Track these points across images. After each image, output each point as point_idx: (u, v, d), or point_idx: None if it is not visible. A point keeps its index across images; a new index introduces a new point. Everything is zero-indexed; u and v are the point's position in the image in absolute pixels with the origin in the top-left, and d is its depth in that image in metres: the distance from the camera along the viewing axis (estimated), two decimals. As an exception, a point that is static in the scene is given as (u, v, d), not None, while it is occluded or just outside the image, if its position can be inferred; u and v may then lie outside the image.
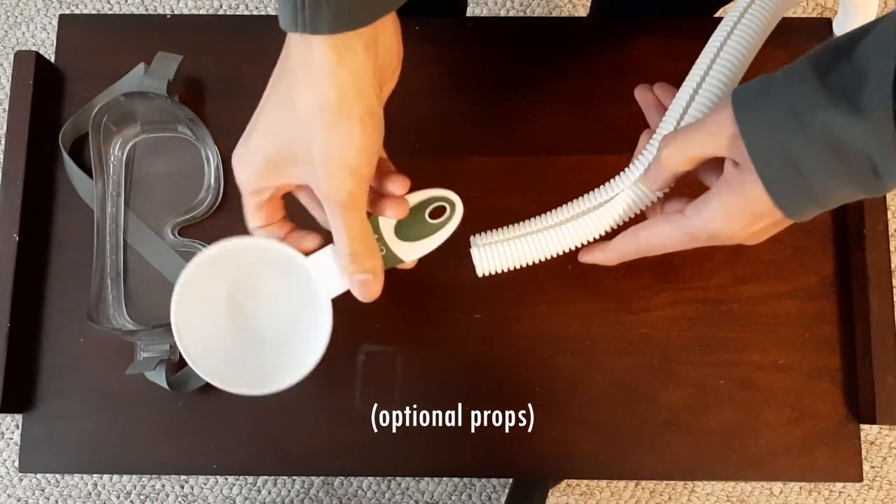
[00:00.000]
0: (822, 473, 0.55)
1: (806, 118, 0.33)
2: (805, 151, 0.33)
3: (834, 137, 0.33)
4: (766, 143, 0.35)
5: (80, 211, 0.57)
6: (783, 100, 0.34)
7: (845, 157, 0.33)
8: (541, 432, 0.55)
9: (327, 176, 0.36)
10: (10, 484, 1.20)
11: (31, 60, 0.56)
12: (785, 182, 0.35)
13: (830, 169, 0.34)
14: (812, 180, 0.34)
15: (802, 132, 0.33)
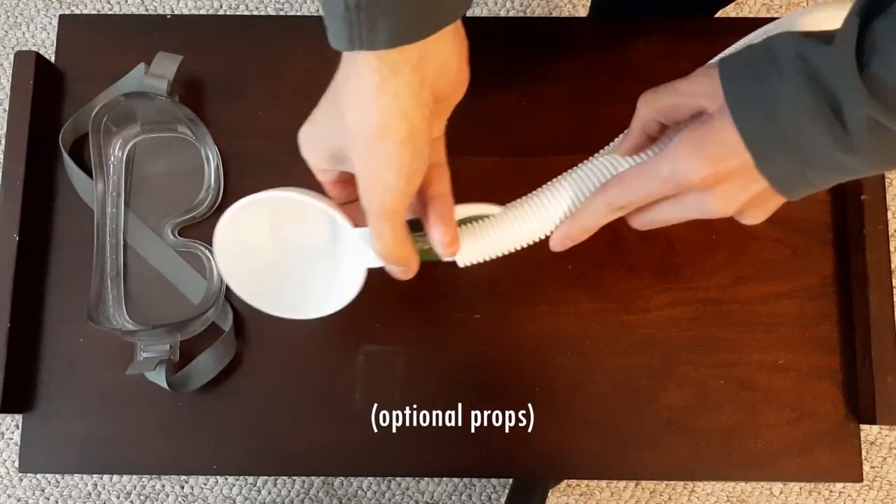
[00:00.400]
0: (822, 473, 0.55)
1: (781, 52, 0.34)
2: (775, 80, 0.34)
3: (802, 67, 0.33)
4: (742, 78, 0.35)
5: (80, 211, 0.57)
6: (762, 46, 0.35)
7: (813, 90, 0.33)
8: (541, 432, 0.55)
9: (364, 188, 0.38)
10: (10, 484, 1.20)
11: (31, 61, 0.56)
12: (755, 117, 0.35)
13: (804, 106, 0.33)
14: (784, 117, 0.34)
15: (775, 63, 0.34)
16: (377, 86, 0.35)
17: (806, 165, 0.35)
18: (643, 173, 0.39)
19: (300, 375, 0.55)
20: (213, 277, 0.56)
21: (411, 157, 0.36)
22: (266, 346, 0.56)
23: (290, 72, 0.59)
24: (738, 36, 0.59)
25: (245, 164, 0.58)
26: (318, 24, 0.60)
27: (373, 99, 0.35)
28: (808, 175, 0.36)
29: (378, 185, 0.37)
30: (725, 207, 0.38)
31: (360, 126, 0.36)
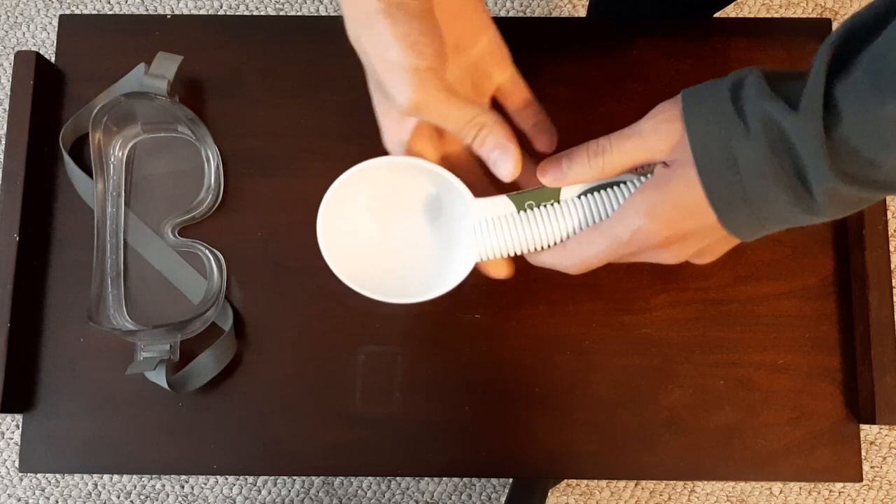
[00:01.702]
0: (822, 473, 0.55)
1: (748, 110, 0.34)
2: (742, 142, 0.34)
3: (770, 131, 0.33)
4: (708, 131, 0.35)
5: (80, 211, 0.57)
6: (729, 94, 0.35)
7: (778, 154, 0.34)
8: (541, 432, 0.55)
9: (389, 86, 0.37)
10: (11, 484, 1.20)
11: (31, 61, 0.56)
12: (720, 175, 0.35)
13: (763, 164, 0.34)
14: (747, 176, 0.35)
15: (742, 123, 0.34)
16: None
17: (766, 220, 0.37)
18: (604, 237, 0.40)
19: (300, 375, 0.56)
20: (213, 277, 0.56)
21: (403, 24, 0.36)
22: (266, 346, 0.56)
23: (291, 72, 0.59)
24: (738, 36, 0.59)
25: (245, 164, 0.58)
26: (319, 25, 0.60)
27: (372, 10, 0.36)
28: (765, 226, 0.37)
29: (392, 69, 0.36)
30: (680, 258, 0.40)
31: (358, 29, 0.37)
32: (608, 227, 0.40)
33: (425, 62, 0.36)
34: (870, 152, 0.32)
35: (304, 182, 0.58)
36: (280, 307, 0.56)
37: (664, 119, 0.38)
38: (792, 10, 1.30)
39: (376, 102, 0.42)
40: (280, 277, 0.57)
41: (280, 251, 0.57)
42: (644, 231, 0.38)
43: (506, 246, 0.43)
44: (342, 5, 0.39)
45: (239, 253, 0.57)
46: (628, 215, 0.39)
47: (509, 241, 0.43)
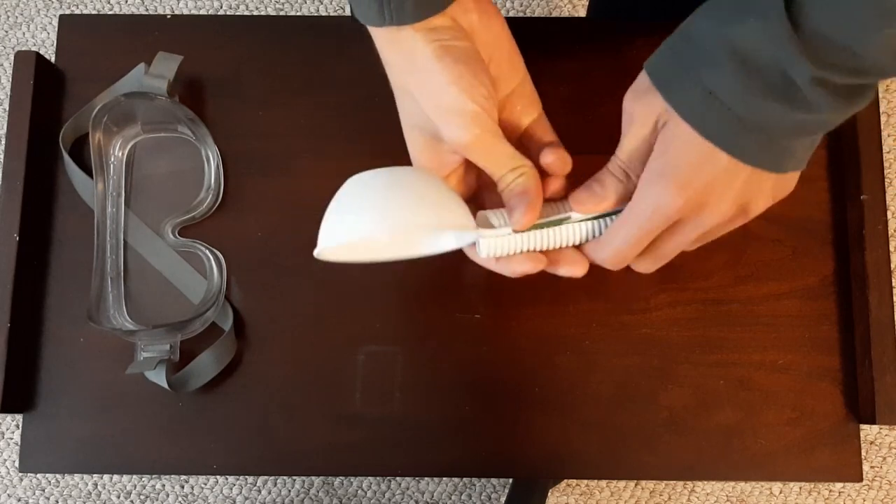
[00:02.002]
0: (822, 473, 0.55)
1: (707, 42, 0.33)
2: (715, 75, 0.33)
3: (737, 50, 0.32)
4: (680, 83, 0.35)
5: (80, 211, 0.57)
6: (684, 38, 0.35)
7: (755, 70, 0.32)
8: (540, 432, 0.55)
9: (442, 127, 0.39)
10: (11, 484, 1.20)
11: (31, 61, 0.56)
12: (708, 113, 0.34)
13: (745, 86, 0.33)
14: (731, 102, 0.34)
15: (705, 56, 0.33)
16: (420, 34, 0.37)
17: (776, 136, 0.35)
18: (626, 223, 0.39)
19: (300, 375, 0.55)
20: (212, 277, 0.56)
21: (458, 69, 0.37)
22: (266, 346, 0.56)
23: (291, 72, 0.59)
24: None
25: (245, 164, 0.58)
26: (318, 25, 0.60)
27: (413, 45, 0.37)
28: (782, 143, 0.36)
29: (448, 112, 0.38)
30: (725, 214, 0.38)
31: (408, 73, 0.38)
32: (628, 213, 0.39)
33: (478, 105, 0.38)
34: (846, 40, 0.31)
35: (304, 182, 0.58)
36: (280, 307, 0.56)
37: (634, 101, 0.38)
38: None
39: (413, 141, 0.43)
40: (280, 277, 0.57)
41: (280, 251, 0.57)
42: (662, 200, 0.37)
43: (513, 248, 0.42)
44: (383, 51, 0.40)
45: (239, 253, 0.57)
46: (641, 191, 0.38)
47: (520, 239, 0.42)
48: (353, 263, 0.49)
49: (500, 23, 0.42)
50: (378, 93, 0.58)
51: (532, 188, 0.40)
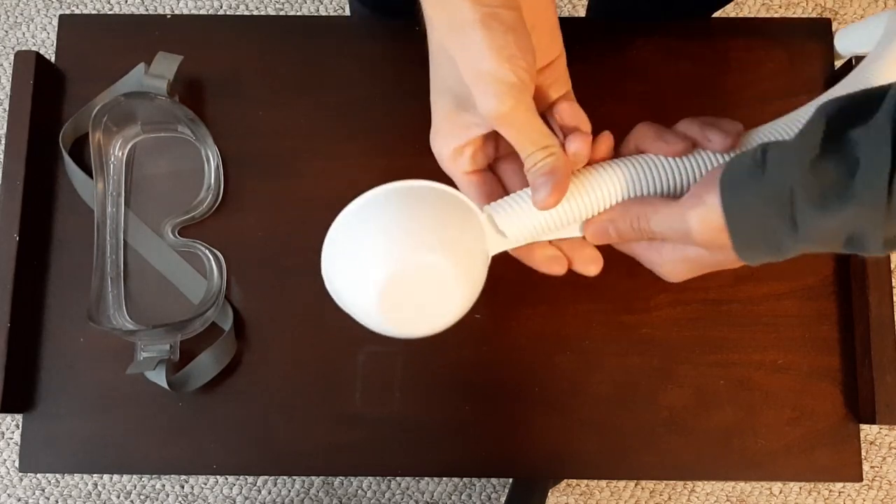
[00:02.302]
0: (822, 473, 0.55)
1: (800, 225, 0.33)
2: (790, 243, 0.35)
3: (825, 238, 0.34)
4: (754, 236, 0.36)
5: (80, 211, 0.57)
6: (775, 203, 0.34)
7: (827, 243, 0.34)
8: (541, 432, 0.55)
9: (477, 94, 0.37)
10: (11, 484, 1.20)
11: (31, 60, 0.56)
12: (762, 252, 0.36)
13: (806, 248, 0.35)
14: (788, 253, 0.36)
15: (795, 231, 0.34)
16: None
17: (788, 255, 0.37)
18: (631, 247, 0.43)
19: (300, 375, 0.55)
20: (212, 277, 0.56)
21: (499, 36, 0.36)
22: (266, 346, 0.56)
23: (291, 72, 0.59)
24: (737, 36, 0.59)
25: (245, 164, 0.58)
26: (319, 25, 0.60)
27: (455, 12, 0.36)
28: None
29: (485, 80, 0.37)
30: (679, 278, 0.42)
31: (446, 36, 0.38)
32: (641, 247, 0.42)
33: (518, 77, 0.37)
34: None
35: (303, 182, 0.58)
36: (280, 307, 0.56)
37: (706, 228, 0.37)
38: (792, 10, 1.30)
39: (440, 106, 0.42)
40: (280, 277, 0.57)
41: (280, 251, 0.57)
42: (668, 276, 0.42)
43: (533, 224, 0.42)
44: (427, 9, 0.39)
45: (239, 253, 0.57)
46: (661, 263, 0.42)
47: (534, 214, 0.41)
48: None
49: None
50: (378, 92, 0.58)
51: (561, 168, 0.39)
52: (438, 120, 0.43)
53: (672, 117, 0.57)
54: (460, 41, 0.37)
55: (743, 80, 0.59)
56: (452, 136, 0.42)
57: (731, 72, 0.59)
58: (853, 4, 1.29)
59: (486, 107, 0.38)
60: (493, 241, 0.42)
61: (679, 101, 0.58)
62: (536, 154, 0.39)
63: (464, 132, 0.42)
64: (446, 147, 0.43)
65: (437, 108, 0.43)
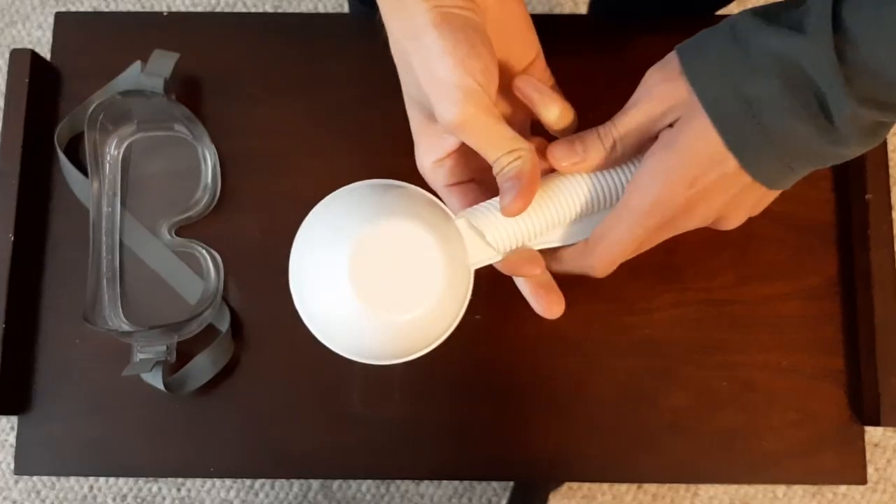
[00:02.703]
0: (826, 476, 0.54)
1: (752, 48, 0.32)
2: (754, 83, 0.32)
3: (781, 66, 0.32)
4: (716, 83, 0.33)
5: (75, 211, 0.57)
6: (729, 38, 0.33)
7: (793, 88, 0.32)
8: (541, 435, 0.54)
9: (434, 102, 0.36)
10: (6, 486, 1.20)
11: (26, 59, 0.56)
12: (736, 119, 0.33)
13: (783, 104, 0.32)
14: (766, 116, 0.33)
15: (750, 63, 0.32)
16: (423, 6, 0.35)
17: (792, 159, 0.35)
18: (624, 218, 0.38)
19: (298, 377, 0.55)
20: (209, 278, 0.55)
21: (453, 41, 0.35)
22: (264, 347, 0.55)
23: (288, 70, 0.58)
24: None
25: (242, 164, 0.57)
26: (316, 22, 0.60)
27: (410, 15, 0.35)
28: (793, 167, 0.35)
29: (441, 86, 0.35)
30: (707, 218, 0.38)
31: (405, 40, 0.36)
32: (625, 205, 0.38)
33: (474, 80, 0.35)
34: (890, 73, 0.30)
35: (302, 181, 0.57)
36: (277, 308, 0.56)
37: (659, 81, 0.36)
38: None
39: (412, 118, 0.41)
40: (278, 278, 0.56)
41: (278, 251, 0.56)
42: (665, 195, 0.36)
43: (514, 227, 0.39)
44: (386, 16, 0.37)
45: (236, 253, 0.56)
46: (643, 183, 0.37)
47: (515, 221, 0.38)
48: None
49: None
50: (375, 91, 0.57)
51: (527, 172, 0.37)
52: (415, 132, 0.41)
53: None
54: (415, 46, 0.36)
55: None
56: (430, 148, 0.41)
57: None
58: (855, 5, 1.29)
59: (444, 116, 0.36)
60: (474, 251, 0.39)
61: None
62: (503, 159, 0.37)
63: (439, 144, 0.40)
64: (426, 160, 0.41)
65: (412, 120, 0.41)
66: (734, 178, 0.36)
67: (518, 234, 0.39)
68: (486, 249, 0.39)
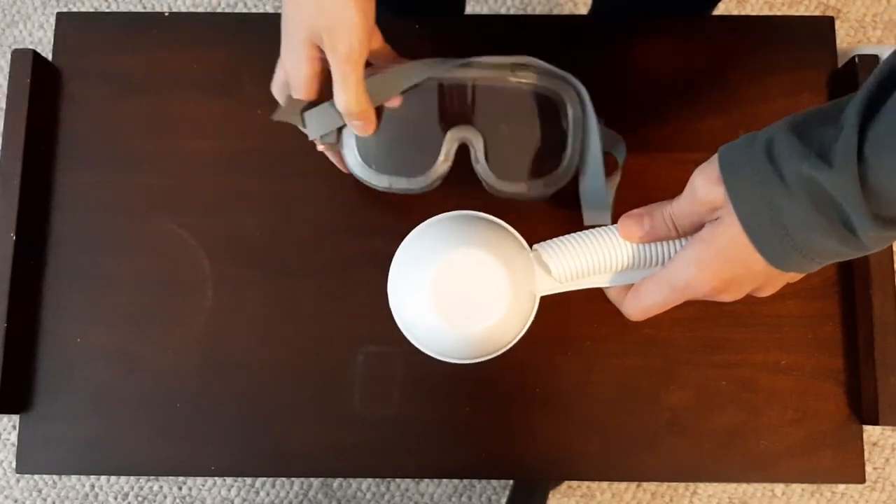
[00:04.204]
0: (825, 475, 0.55)
1: (786, 171, 0.35)
2: (785, 202, 0.36)
3: (811, 190, 0.35)
4: (750, 195, 0.37)
5: (77, 209, 0.57)
6: (765, 156, 0.36)
7: (821, 209, 0.35)
8: (541, 433, 0.55)
9: (331, 37, 0.44)
10: (8, 485, 1.20)
11: (28, 59, 0.56)
12: (767, 231, 0.37)
13: (810, 222, 0.36)
14: (794, 231, 0.36)
15: (783, 184, 0.36)
16: None
17: (819, 259, 0.38)
18: (661, 286, 0.43)
19: (299, 376, 0.55)
20: None
21: None
22: (265, 346, 0.55)
23: (289, 70, 0.58)
24: (739, 35, 0.59)
25: (245, 164, 0.58)
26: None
27: None
28: (819, 262, 0.39)
29: (343, 27, 0.43)
30: (738, 296, 0.42)
31: None
32: (664, 277, 0.42)
33: (370, 22, 0.44)
34: None
35: (303, 182, 0.57)
36: (279, 307, 0.56)
37: (702, 184, 0.40)
38: (794, 9, 1.29)
39: (292, 45, 0.47)
40: (279, 277, 0.56)
41: (279, 251, 0.57)
42: (695, 280, 0.41)
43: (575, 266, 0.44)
44: None
45: (236, 253, 0.56)
46: (680, 267, 0.41)
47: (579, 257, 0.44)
48: None
49: None
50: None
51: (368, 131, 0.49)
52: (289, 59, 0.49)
53: (674, 116, 0.57)
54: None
55: (745, 79, 0.58)
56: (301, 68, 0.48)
57: (734, 70, 0.58)
58: (856, 3, 1.29)
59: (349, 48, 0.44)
60: (542, 280, 0.45)
61: (681, 100, 0.57)
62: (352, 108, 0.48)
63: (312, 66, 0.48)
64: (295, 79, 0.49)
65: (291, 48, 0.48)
66: (763, 272, 0.40)
67: (578, 271, 0.44)
68: (550, 280, 0.45)
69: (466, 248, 0.43)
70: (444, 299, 0.43)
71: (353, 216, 0.57)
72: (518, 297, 0.44)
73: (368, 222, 0.56)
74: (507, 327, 0.44)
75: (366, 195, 0.57)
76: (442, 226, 0.45)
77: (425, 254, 0.44)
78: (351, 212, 0.57)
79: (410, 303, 0.45)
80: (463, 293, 0.43)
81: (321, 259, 0.56)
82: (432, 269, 0.43)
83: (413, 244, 0.46)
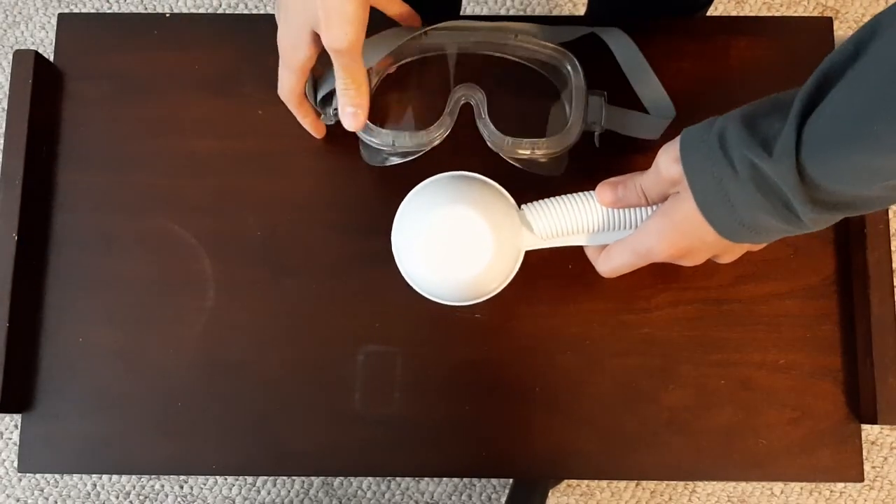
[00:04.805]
0: (823, 474, 0.55)
1: (735, 153, 0.39)
2: (732, 184, 0.40)
3: (754, 175, 0.39)
4: (703, 175, 0.41)
5: (78, 210, 0.57)
6: (717, 141, 0.41)
7: (765, 193, 0.39)
8: (541, 432, 0.55)
9: (329, 29, 0.44)
10: (10, 484, 1.20)
11: (29, 59, 0.56)
12: (717, 208, 0.41)
13: (754, 202, 0.40)
14: (740, 209, 0.41)
15: (731, 169, 0.40)
16: None
17: (765, 235, 0.43)
18: (625, 249, 0.48)
19: (299, 375, 0.55)
20: None
21: None
22: (265, 346, 0.56)
23: (290, 71, 0.59)
24: (738, 34, 0.59)
25: (245, 164, 0.58)
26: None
27: None
28: (767, 238, 0.44)
29: (341, 18, 0.44)
30: (698, 262, 0.47)
31: None
32: (630, 243, 0.47)
33: (366, 13, 0.45)
34: (841, 190, 0.38)
35: (303, 182, 0.58)
36: (279, 307, 0.56)
37: (664, 161, 0.44)
38: (793, 9, 1.29)
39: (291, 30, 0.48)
40: (279, 277, 0.56)
41: (280, 251, 0.57)
42: (656, 248, 0.46)
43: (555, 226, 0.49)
44: None
45: (236, 253, 0.57)
46: (644, 235, 0.46)
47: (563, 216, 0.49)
48: None
49: None
50: (377, 90, 0.58)
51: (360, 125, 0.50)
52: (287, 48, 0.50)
53: (673, 116, 0.57)
54: None
55: (744, 79, 0.58)
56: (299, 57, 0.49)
57: (732, 70, 0.58)
58: (854, 3, 1.29)
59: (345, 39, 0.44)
60: (527, 236, 0.50)
61: (680, 100, 0.57)
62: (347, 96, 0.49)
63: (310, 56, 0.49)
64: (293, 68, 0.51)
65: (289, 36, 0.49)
66: (717, 242, 0.44)
67: (557, 230, 0.49)
68: (534, 237, 0.50)
69: (457, 205, 0.48)
70: (435, 249, 0.48)
71: (353, 216, 0.57)
72: (502, 249, 0.49)
73: (368, 222, 0.56)
74: (493, 275, 0.49)
75: (366, 195, 0.57)
76: (440, 183, 0.50)
77: (423, 207, 0.50)
78: (351, 212, 0.57)
79: (408, 252, 0.50)
80: (451, 245, 0.48)
81: (321, 259, 0.57)
82: (426, 221, 0.48)
83: (413, 199, 0.50)
